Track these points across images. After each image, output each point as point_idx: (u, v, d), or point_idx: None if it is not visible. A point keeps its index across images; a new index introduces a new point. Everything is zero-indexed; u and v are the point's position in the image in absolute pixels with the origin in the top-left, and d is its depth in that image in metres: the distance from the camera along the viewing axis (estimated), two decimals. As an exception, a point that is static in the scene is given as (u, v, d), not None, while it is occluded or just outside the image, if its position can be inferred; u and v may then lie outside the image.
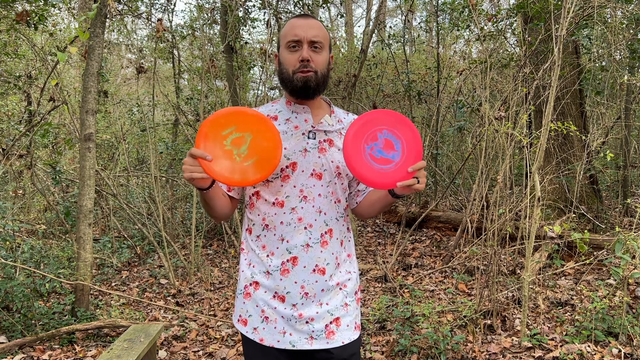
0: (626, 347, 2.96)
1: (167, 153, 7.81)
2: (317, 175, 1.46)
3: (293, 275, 1.44)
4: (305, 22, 1.43)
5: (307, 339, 1.43)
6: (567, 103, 5.64)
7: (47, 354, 3.34)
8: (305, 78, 1.42)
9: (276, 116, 1.52)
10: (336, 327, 1.46)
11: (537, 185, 3.16)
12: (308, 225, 1.45)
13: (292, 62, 1.43)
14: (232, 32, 6.31)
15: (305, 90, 1.43)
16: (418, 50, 12.04)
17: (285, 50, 1.44)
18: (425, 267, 5.21)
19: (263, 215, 1.47)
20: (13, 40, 5.37)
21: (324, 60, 1.45)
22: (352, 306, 1.52)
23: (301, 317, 1.43)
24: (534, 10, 4.58)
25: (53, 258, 4.47)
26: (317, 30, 1.43)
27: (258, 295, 1.47)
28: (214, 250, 6.41)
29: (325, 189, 1.47)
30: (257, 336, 1.46)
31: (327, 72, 1.48)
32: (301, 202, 1.45)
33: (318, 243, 1.45)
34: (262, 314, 1.46)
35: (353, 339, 1.49)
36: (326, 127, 1.50)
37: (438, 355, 3.02)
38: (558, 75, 3.04)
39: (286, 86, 1.47)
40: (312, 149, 1.47)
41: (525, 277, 3.14)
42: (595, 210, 5.54)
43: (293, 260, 1.44)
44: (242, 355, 3.37)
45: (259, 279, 1.48)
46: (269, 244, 1.47)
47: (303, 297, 1.44)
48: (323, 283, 1.46)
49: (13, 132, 5.91)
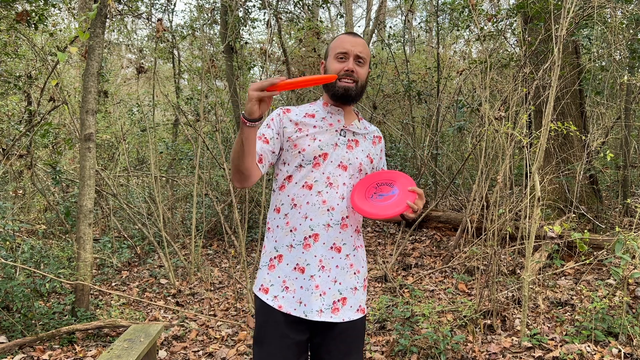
0: (626, 347, 2.96)
1: (167, 153, 7.81)
2: (343, 167, 1.69)
3: (314, 250, 1.64)
4: (353, 39, 1.69)
5: (317, 312, 1.62)
6: (567, 103, 5.64)
7: (47, 354, 3.34)
8: (346, 87, 1.67)
9: (313, 114, 1.74)
10: (342, 305, 1.66)
11: (537, 185, 3.16)
12: (330, 208, 1.66)
13: (337, 70, 1.67)
14: (232, 32, 6.31)
15: (345, 97, 1.68)
16: (418, 50, 12.04)
17: (334, 60, 1.69)
18: (425, 267, 5.21)
19: (292, 196, 1.68)
20: (13, 40, 5.37)
21: (364, 73, 1.71)
22: (359, 291, 1.73)
23: (317, 289, 1.63)
24: (534, 10, 4.58)
25: (53, 258, 4.46)
26: (362, 47, 1.69)
27: (281, 267, 1.67)
28: (214, 250, 6.41)
29: (348, 180, 1.69)
30: (276, 303, 1.64)
31: (365, 83, 1.74)
32: (327, 187, 1.66)
33: (338, 225, 1.66)
34: (283, 284, 1.66)
35: (353, 318, 1.69)
36: (355, 129, 1.76)
37: (438, 355, 3.02)
38: (558, 75, 3.04)
39: (329, 90, 1.71)
40: (342, 145, 1.71)
41: (525, 277, 3.14)
42: (595, 210, 5.54)
43: (315, 237, 1.65)
44: (242, 355, 3.38)
45: (283, 252, 1.68)
46: (293, 221, 1.67)
47: (320, 270, 1.64)
48: (338, 260, 1.67)
49: (13, 132, 5.91)
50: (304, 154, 1.67)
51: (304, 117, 1.73)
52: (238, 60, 6.80)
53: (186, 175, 7.78)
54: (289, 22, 7.65)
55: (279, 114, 1.73)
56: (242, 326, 3.88)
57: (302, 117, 1.72)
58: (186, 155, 7.62)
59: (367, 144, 1.78)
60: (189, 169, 7.77)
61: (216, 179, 7.29)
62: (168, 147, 7.72)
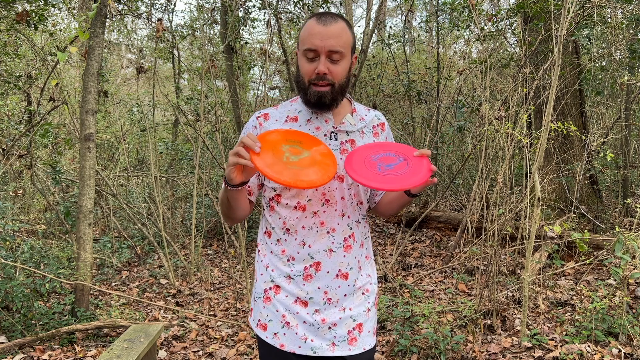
0: (626, 347, 2.96)
1: (167, 153, 7.81)
2: (339, 178, 1.42)
3: (316, 281, 1.40)
4: (324, 30, 1.33)
5: (329, 346, 1.40)
6: (567, 103, 5.64)
7: (47, 354, 3.34)
8: (319, 94, 1.37)
9: (296, 117, 1.47)
10: (358, 333, 1.44)
11: (537, 185, 3.16)
12: (331, 230, 1.41)
13: (308, 72, 1.38)
14: (232, 32, 6.31)
15: (318, 105, 1.40)
16: (418, 50, 12.04)
17: (302, 58, 1.39)
18: (425, 267, 5.21)
19: (284, 219, 1.43)
20: (13, 40, 5.37)
21: (342, 70, 1.38)
22: (372, 311, 1.50)
23: (324, 323, 1.41)
24: (534, 10, 4.58)
25: (53, 258, 4.47)
26: (335, 39, 1.33)
27: (279, 300, 1.43)
28: (214, 250, 6.41)
29: (347, 192, 1.43)
30: (277, 342, 1.41)
31: (347, 80, 1.42)
32: (323, 205, 1.41)
33: (341, 247, 1.42)
34: (282, 319, 1.42)
35: (372, 345, 1.47)
36: (348, 127, 1.46)
37: (438, 355, 3.02)
38: (558, 75, 3.04)
39: (301, 95, 1.44)
40: (334, 151, 1.42)
41: (525, 277, 3.14)
42: (595, 210, 5.54)
43: (316, 266, 1.41)
44: (242, 355, 3.37)
45: (280, 283, 1.43)
46: (289, 249, 1.42)
47: (326, 303, 1.41)
48: (346, 288, 1.43)
49: (13, 132, 5.90)
50: None
51: (285, 122, 1.46)
52: (238, 60, 6.80)
53: (186, 175, 7.78)
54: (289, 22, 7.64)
55: (255, 126, 1.47)
56: (242, 326, 3.88)
57: (282, 123, 1.46)
58: (186, 155, 7.63)
59: (367, 139, 1.49)
60: (189, 169, 7.77)
61: (216, 179, 7.29)
62: (168, 147, 7.72)
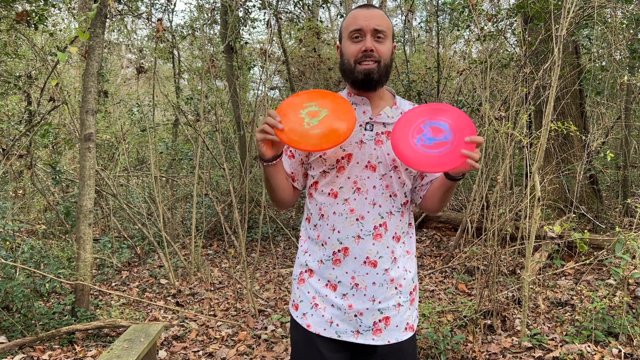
0: (626, 347, 2.96)
1: (167, 153, 7.81)
2: (371, 167, 1.45)
3: (344, 266, 1.45)
4: (367, 12, 1.40)
5: (353, 332, 1.44)
6: (567, 103, 5.64)
7: (47, 354, 3.34)
8: (367, 70, 1.40)
9: None
10: (385, 325, 1.45)
11: (537, 185, 3.16)
12: (360, 217, 1.44)
13: (354, 53, 1.41)
14: (232, 32, 6.31)
15: (367, 82, 1.42)
16: (418, 50, 12.04)
17: (348, 41, 1.43)
18: (425, 267, 5.21)
19: (319, 205, 1.49)
20: (13, 40, 5.37)
21: (387, 49, 1.42)
22: (404, 307, 1.50)
23: (351, 309, 1.44)
24: (534, 10, 4.58)
25: (53, 258, 4.47)
26: (379, 20, 1.40)
27: (311, 282, 1.50)
28: (214, 250, 6.41)
29: (379, 182, 1.45)
30: (304, 321, 1.48)
31: (390, 62, 1.46)
32: (354, 193, 1.45)
33: (370, 235, 1.44)
34: (312, 301, 1.48)
35: (401, 339, 1.47)
36: (385, 119, 1.48)
37: (438, 355, 3.02)
38: (558, 75, 3.04)
39: (347, 77, 1.46)
40: (369, 141, 1.46)
41: (525, 277, 3.14)
42: (595, 210, 5.54)
43: (344, 251, 1.45)
44: (242, 355, 3.38)
45: (313, 267, 1.50)
46: (322, 234, 1.48)
47: (354, 288, 1.44)
48: (375, 276, 1.44)
49: (13, 132, 5.90)
50: (325, 158, 1.46)
51: None
52: (238, 60, 6.80)
53: (186, 175, 7.78)
54: (289, 22, 7.65)
55: None
56: (242, 326, 3.88)
57: None
58: (186, 155, 7.63)
59: None
60: (189, 169, 7.77)
61: (216, 179, 7.29)
62: (168, 147, 7.72)
